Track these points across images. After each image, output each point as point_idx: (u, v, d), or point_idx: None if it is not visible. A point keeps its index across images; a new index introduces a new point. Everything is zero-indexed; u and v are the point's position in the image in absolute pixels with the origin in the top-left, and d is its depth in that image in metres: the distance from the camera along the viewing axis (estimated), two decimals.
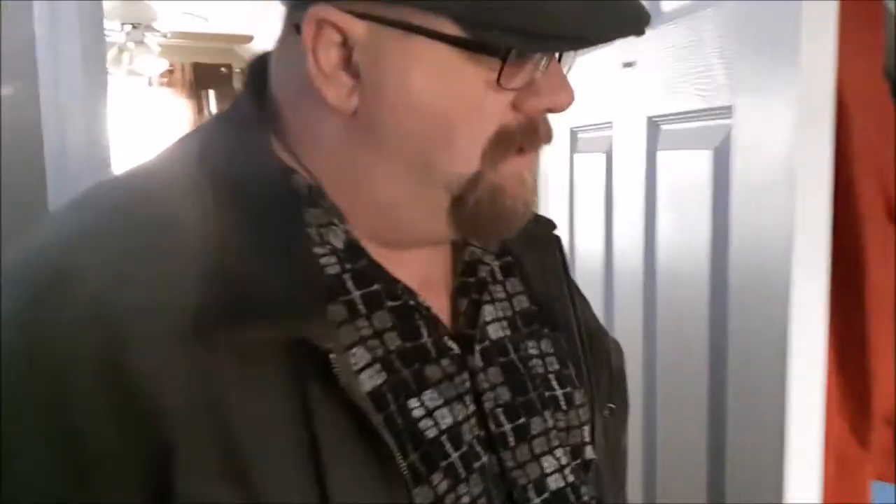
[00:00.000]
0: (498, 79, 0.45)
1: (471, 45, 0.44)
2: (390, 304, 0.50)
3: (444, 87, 0.45)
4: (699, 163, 1.04)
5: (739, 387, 0.96)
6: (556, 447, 0.55)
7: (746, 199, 0.93)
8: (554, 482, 0.54)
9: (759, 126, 0.91)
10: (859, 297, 0.95)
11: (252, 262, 0.44)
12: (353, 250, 0.49)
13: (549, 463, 0.54)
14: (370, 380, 0.46)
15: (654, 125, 1.19)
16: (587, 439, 0.58)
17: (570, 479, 0.55)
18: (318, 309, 0.44)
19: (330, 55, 0.45)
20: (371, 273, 0.50)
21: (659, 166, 1.17)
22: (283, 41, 0.51)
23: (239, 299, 0.42)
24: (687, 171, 1.08)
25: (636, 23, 0.45)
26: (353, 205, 0.50)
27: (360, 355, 0.46)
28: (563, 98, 0.48)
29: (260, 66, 0.53)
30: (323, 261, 0.48)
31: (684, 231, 1.09)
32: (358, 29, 0.45)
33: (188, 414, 0.40)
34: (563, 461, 0.55)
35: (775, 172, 0.87)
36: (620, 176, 1.31)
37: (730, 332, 0.97)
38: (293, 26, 0.48)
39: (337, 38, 0.45)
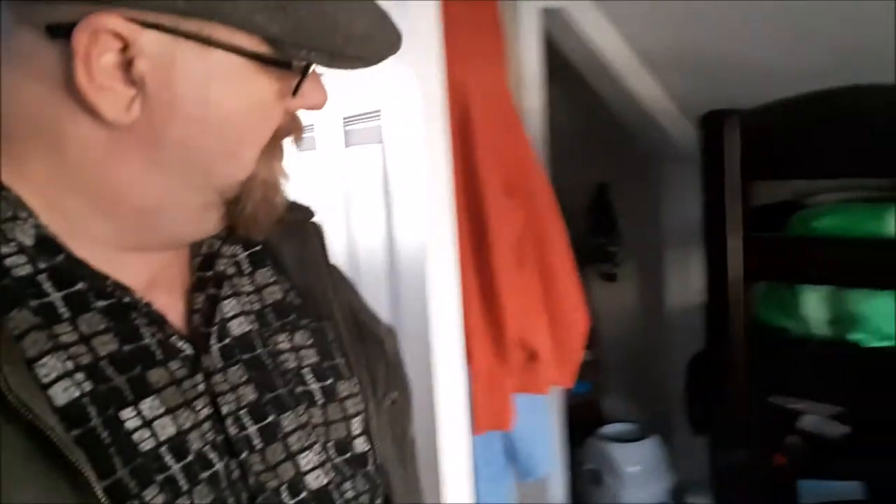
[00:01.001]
0: (295, 91, 0.47)
1: (274, 62, 0.45)
2: (100, 304, 0.46)
3: (241, 100, 0.46)
4: (374, 157, 1.26)
5: (411, 340, 1.18)
6: (314, 443, 0.53)
7: (399, 184, 1.17)
8: (314, 480, 0.52)
9: (397, 124, 1.14)
10: (489, 251, 1.23)
11: None
12: (47, 246, 0.45)
13: (307, 460, 0.52)
14: (65, 392, 0.42)
15: (347, 125, 1.40)
16: (356, 432, 0.57)
17: (332, 475, 0.54)
18: None
19: (103, 63, 0.42)
20: (72, 271, 0.46)
21: (353, 161, 1.39)
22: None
23: None
24: (369, 164, 1.30)
25: (397, 44, 0.51)
26: (99, 208, 0.46)
27: (51, 365, 0.43)
28: (322, 98, 0.52)
29: None
30: (8, 261, 0.44)
31: (375, 215, 1.31)
32: (146, 39, 0.42)
33: None
34: (323, 457, 0.53)
35: (411, 162, 1.11)
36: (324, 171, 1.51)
37: (401, 297, 1.19)
38: (40, 24, 0.43)
39: (115, 45, 0.42)
